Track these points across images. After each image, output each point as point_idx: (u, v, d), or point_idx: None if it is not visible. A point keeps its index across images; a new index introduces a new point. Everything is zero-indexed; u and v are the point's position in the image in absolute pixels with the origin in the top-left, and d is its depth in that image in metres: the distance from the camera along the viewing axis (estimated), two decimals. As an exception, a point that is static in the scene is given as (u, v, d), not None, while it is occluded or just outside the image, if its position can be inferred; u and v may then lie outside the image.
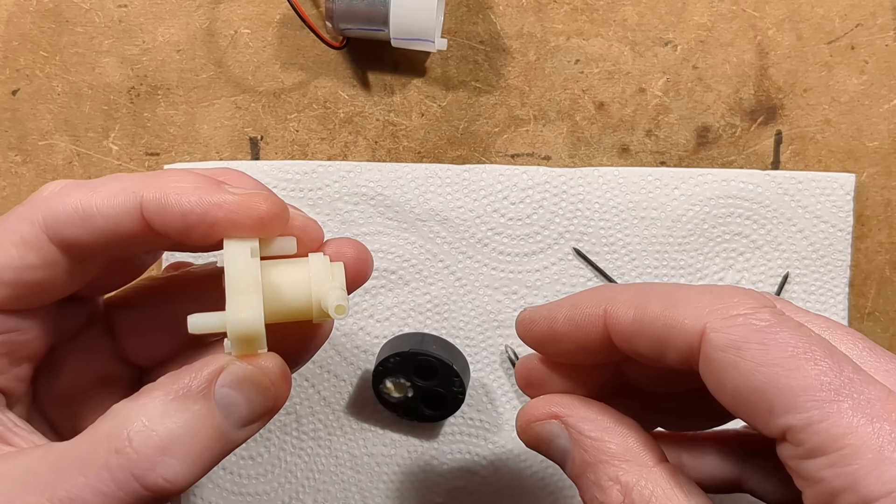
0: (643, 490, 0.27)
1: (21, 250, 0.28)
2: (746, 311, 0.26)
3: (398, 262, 0.42)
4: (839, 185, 0.42)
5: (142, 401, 0.27)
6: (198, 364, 0.28)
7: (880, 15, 0.43)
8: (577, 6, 0.43)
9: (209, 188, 0.28)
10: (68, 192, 0.29)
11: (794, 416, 0.24)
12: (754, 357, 0.25)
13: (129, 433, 0.26)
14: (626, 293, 0.29)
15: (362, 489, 0.42)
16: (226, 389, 0.27)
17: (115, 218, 0.28)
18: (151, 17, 0.43)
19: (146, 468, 0.26)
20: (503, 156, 0.43)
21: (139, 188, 0.28)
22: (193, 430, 0.27)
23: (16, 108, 0.43)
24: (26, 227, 0.28)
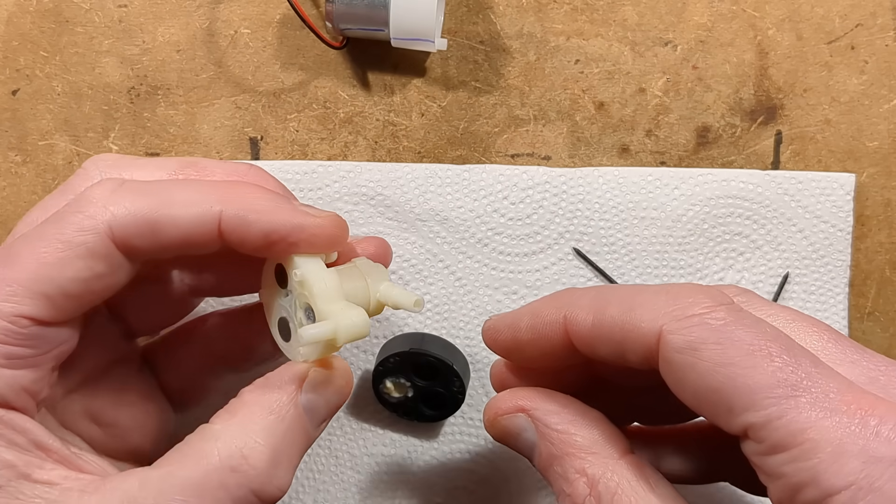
0: (609, 482, 0.27)
1: (88, 262, 0.28)
2: (702, 310, 0.26)
3: (398, 262, 0.42)
4: (839, 185, 0.42)
5: (242, 419, 0.29)
6: (280, 375, 0.30)
7: (880, 15, 0.43)
8: (577, 6, 0.43)
9: (288, 208, 0.30)
10: (133, 198, 0.28)
11: (754, 414, 0.24)
12: (711, 357, 0.25)
13: (243, 452, 0.28)
14: (585, 298, 0.29)
15: (362, 489, 0.42)
16: (310, 395, 0.30)
17: (190, 230, 0.29)
18: (151, 17, 0.43)
19: (264, 482, 0.28)
20: (503, 156, 0.43)
21: (217, 202, 0.29)
22: (292, 439, 0.29)
23: (16, 108, 0.43)
24: (91, 237, 0.28)
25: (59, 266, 0.27)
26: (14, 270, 0.27)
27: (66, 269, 0.28)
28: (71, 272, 0.28)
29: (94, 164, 0.33)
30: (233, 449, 0.28)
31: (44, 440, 0.28)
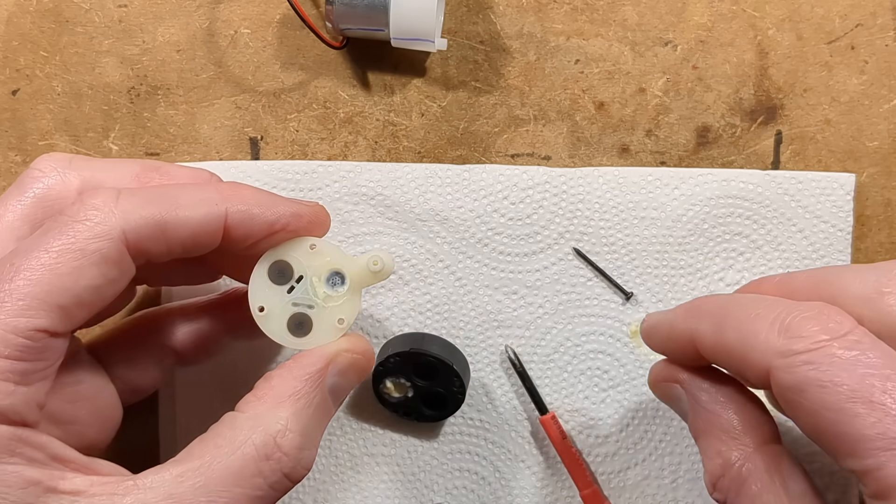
0: (741, 470, 0.28)
1: (102, 269, 0.28)
2: (810, 346, 0.26)
3: (398, 263, 0.42)
4: (839, 185, 0.42)
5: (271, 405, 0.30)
6: (308, 360, 0.32)
7: (880, 15, 0.43)
8: (577, 6, 0.43)
9: (283, 200, 0.32)
10: (141, 202, 0.29)
11: (855, 462, 0.25)
12: (815, 400, 0.25)
13: (276, 440, 0.29)
14: (710, 316, 0.30)
15: (362, 489, 0.42)
16: (335, 378, 0.32)
17: (198, 230, 0.30)
18: (151, 17, 0.43)
19: (294, 465, 0.30)
20: (503, 156, 0.43)
21: (221, 201, 0.30)
22: (318, 420, 0.31)
23: (16, 108, 0.43)
24: (105, 244, 0.28)
25: (74, 275, 0.28)
26: (26, 283, 0.27)
27: (82, 278, 0.28)
28: (86, 280, 0.28)
29: (47, 161, 0.33)
30: (266, 437, 0.29)
31: (61, 452, 0.29)
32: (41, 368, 0.28)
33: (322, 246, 0.33)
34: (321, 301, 0.33)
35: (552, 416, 0.42)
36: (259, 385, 0.31)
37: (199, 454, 0.29)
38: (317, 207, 0.33)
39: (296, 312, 0.33)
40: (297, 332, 0.33)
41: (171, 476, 0.28)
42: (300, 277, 0.33)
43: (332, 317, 0.33)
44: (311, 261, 0.33)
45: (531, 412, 0.42)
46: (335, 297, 0.33)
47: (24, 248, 0.28)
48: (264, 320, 0.33)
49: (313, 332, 0.33)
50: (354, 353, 0.33)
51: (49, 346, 0.28)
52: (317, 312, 0.33)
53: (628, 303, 0.42)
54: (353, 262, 0.33)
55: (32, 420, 0.28)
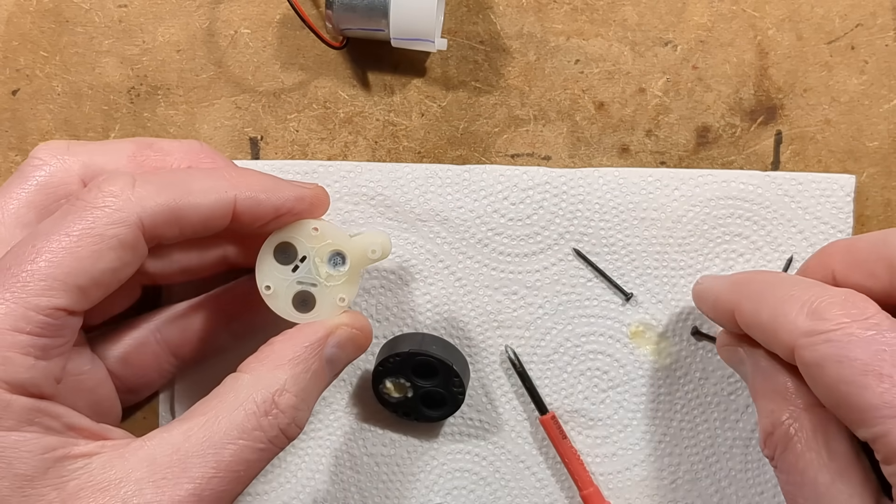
0: (789, 428, 0.31)
1: (119, 252, 0.30)
2: (831, 326, 0.29)
3: (398, 262, 0.42)
4: (839, 186, 0.42)
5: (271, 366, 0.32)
6: (310, 328, 0.34)
7: (880, 15, 0.43)
8: (577, 6, 0.43)
9: (287, 184, 0.34)
10: (156, 189, 0.31)
11: (866, 430, 0.27)
12: (832, 374, 0.28)
13: (275, 398, 0.32)
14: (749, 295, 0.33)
15: (362, 489, 0.42)
16: (333, 349, 0.34)
17: (210, 215, 0.32)
18: (151, 17, 0.43)
19: (290, 423, 0.32)
20: (503, 156, 0.43)
21: (231, 188, 0.33)
22: (314, 385, 0.33)
23: (16, 108, 0.43)
24: (122, 229, 0.30)
25: (93, 259, 0.29)
26: (48, 265, 0.29)
27: (100, 261, 0.30)
28: (104, 263, 0.30)
29: (45, 149, 0.35)
30: (266, 395, 0.31)
31: (75, 421, 0.31)
32: (59, 344, 0.30)
33: (324, 228, 0.35)
34: (323, 280, 0.35)
35: (552, 416, 0.42)
36: (262, 348, 0.33)
37: (203, 411, 0.31)
38: (317, 190, 0.35)
39: (300, 290, 0.35)
40: (302, 308, 0.35)
41: (178, 433, 0.30)
42: (304, 257, 0.35)
43: (333, 295, 0.35)
44: (314, 242, 0.35)
45: (531, 412, 0.42)
46: (336, 277, 0.35)
47: (45, 231, 0.30)
48: (271, 298, 0.35)
49: (316, 308, 0.35)
50: (353, 328, 0.35)
51: (67, 323, 0.30)
52: (319, 290, 0.35)
53: (628, 303, 0.42)
54: (353, 244, 0.35)
55: (50, 392, 0.30)
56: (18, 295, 0.28)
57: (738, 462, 0.42)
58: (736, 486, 0.42)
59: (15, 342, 0.28)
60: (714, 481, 0.42)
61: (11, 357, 0.28)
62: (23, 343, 0.28)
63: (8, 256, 0.30)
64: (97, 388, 0.36)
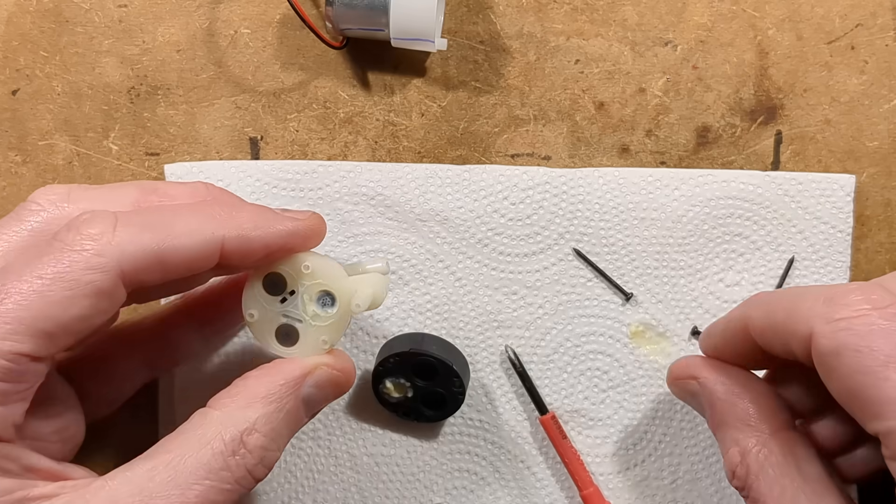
0: (758, 455, 0.30)
1: (94, 300, 0.28)
2: (851, 313, 0.27)
3: (398, 262, 0.42)
4: (839, 186, 0.42)
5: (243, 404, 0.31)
6: (288, 366, 0.32)
7: (880, 15, 0.43)
8: (577, 6, 0.43)
9: (279, 218, 0.32)
10: (138, 232, 0.29)
11: (881, 423, 0.26)
12: (850, 363, 0.27)
13: (243, 438, 0.30)
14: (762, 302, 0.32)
15: (361, 489, 0.42)
16: (311, 389, 0.32)
17: (195, 259, 0.30)
18: (151, 17, 0.43)
19: (257, 464, 0.30)
20: (503, 156, 0.43)
21: (218, 228, 0.30)
22: (286, 425, 0.31)
23: (16, 108, 0.43)
24: (100, 276, 0.28)
25: (63, 305, 0.28)
26: (15, 307, 0.27)
27: (72, 308, 0.28)
28: (76, 310, 0.28)
29: (45, 194, 0.33)
30: (235, 434, 0.30)
31: (34, 462, 0.29)
32: (20, 390, 0.28)
33: (318, 266, 0.33)
34: (308, 318, 0.33)
35: (552, 416, 0.42)
36: (235, 383, 0.32)
37: (169, 449, 0.29)
38: (312, 220, 0.33)
39: (284, 323, 0.34)
40: (284, 341, 0.34)
41: (142, 471, 0.28)
42: (293, 291, 0.33)
43: (317, 335, 0.33)
44: (305, 279, 0.33)
45: (531, 412, 0.42)
46: (323, 318, 0.33)
47: (16, 270, 0.28)
48: (254, 326, 0.34)
49: (298, 345, 0.34)
50: (335, 369, 0.33)
51: (30, 369, 0.28)
52: (304, 328, 0.34)
53: (628, 303, 0.42)
54: (346, 289, 0.33)
55: (8, 437, 0.28)
56: None
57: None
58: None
59: None
60: (714, 481, 0.42)
61: None
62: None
63: None
64: (64, 412, 0.34)
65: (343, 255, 0.42)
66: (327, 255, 0.35)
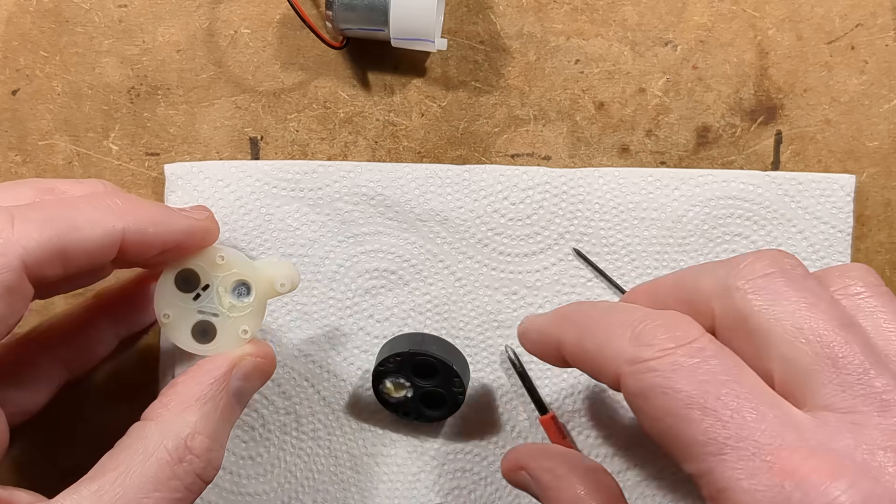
0: None
1: (7, 300, 0.28)
2: (656, 353, 0.26)
3: (398, 262, 0.42)
4: (839, 186, 0.42)
5: (178, 410, 0.31)
6: (211, 364, 0.32)
7: (880, 15, 0.43)
8: (577, 6, 0.43)
9: (177, 216, 0.32)
10: (38, 227, 0.28)
11: (689, 466, 0.26)
12: (656, 406, 0.26)
13: (186, 443, 0.30)
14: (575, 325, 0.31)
15: (361, 489, 0.42)
16: (239, 382, 0.33)
17: (95, 250, 0.30)
18: (151, 17, 0.43)
19: (206, 466, 0.30)
20: (503, 156, 0.43)
21: (118, 220, 0.30)
22: (224, 422, 0.32)
23: (16, 108, 0.43)
24: (7, 275, 0.27)
25: None
26: None
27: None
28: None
29: None
30: (177, 441, 0.30)
31: None
32: None
33: (230, 258, 0.34)
34: (226, 311, 0.34)
35: (552, 416, 0.42)
36: (165, 392, 0.32)
37: (113, 466, 0.29)
38: (208, 222, 0.34)
39: (201, 320, 0.34)
40: (202, 339, 0.34)
41: (88, 493, 0.28)
42: (206, 286, 0.34)
43: (236, 326, 0.34)
44: (219, 271, 0.34)
45: (531, 412, 0.42)
46: (240, 308, 0.34)
47: None
48: (169, 327, 0.34)
49: (217, 339, 0.34)
50: (257, 357, 0.34)
51: None
52: (221, 321, 0.34)
53: (628, 303, 0.42)
54: (260, 275, 0.34)
55: None
56: None
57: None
58: None
59: None
60: None
61: None
62: None
63: None
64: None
65: (343, 255, 0.42)
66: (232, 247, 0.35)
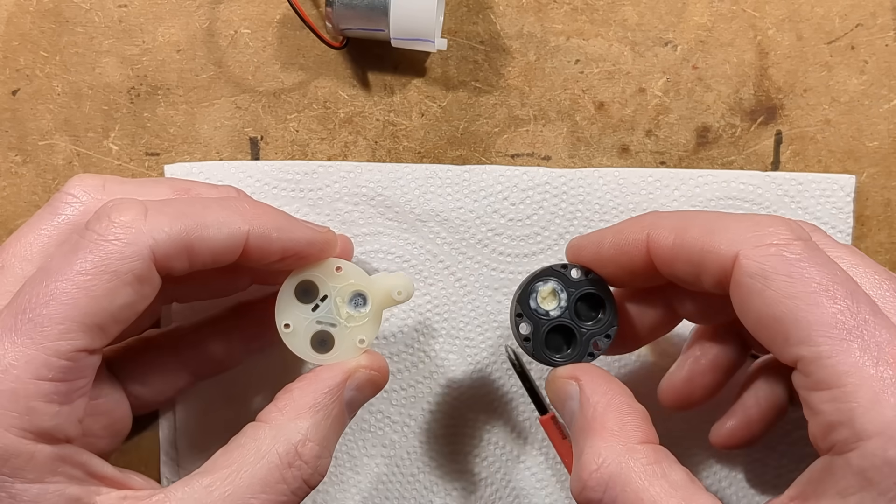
0: (623, 464, 0.29)
1: (136, 287, 0.29)
2: (780, 241, 0.27)
3: (398, 263, 0.42)
4: (839, 186, 0.42)
5: (292, 416, 0.31)
6: (328, 373, 0.33)
7: (880, 15, 0.43)
8: (577, 6, 0.43)
9: (300, 226, 0.33)
10: (169, 221, 0.30)
11: (807, 349, 0.26)
12: (779, 288, 0.27)
13: (297, 449, 0.31)
14: (669, 220, 0.31)
15: (361, 490, 0.42)
16: (353, 392, 0.33)
17: (220, 249, 0.31)
18: (151, 17, 0.43)
19: (312, 472, 0.31)
20: (503, 156, 0.43)
21: (245, 222, 0.31)
22: (334, 431, 0.33)
23: (16, 108, 0.43)
24: (137, 264, 0.29)
25: (109, 297, 0.28)
26: (65, 307, 0.28)
27: (117, 298, 0.29)
28: (120, 299, 0.29)
29: (79, 185, 0.34)
30: (289, 446, 0.31)
31: (98, 469, 0.30)
32: (81, 386, 0.29)
33: (347, 268, 0.34)
34: (343, 321, 0.34)
35: (552, 417, 0.41)
36: (280, 397, 0.32)
37: (226, 464, 0.30)
38: (329, 235, 0.34)
39: (319, 330, 0.34)
40: (320, 348, 0.34)
41: (200, 487, 0.29)
42: (325, 296, 0.34)
43: (353, 336, 0.34)
44: (336, 282, 0.34)
45: (531, 412, 0.42)
46: (357, 318, 0.35)
47: (56, 268, 0.29)
48: (290, 337, 0.34)
49: (335, 349, 0.34)
50: (372, 370, 0.34)
51: (88, 363, 0.29)
52: (339, 331, 0.34)
53: (628, 303, 0.42)
54: (377, 286, 0.35)
55: (74, 435, 0.29)
56: (37, 341, 0.27)
57: (738, 462, 0.42)
58: (736, 487, 0.42)
59: (39, 391, 0.27)
60: (714, 481, 0.42)
61: (36, 406, 0.27)
62: (46, 391, 0.28)
63: (21, 298, 0.28)
64: (114, 409, 0.36)
65: (343, 256, 0.42)
66: None
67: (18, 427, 0.27)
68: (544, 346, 0.35)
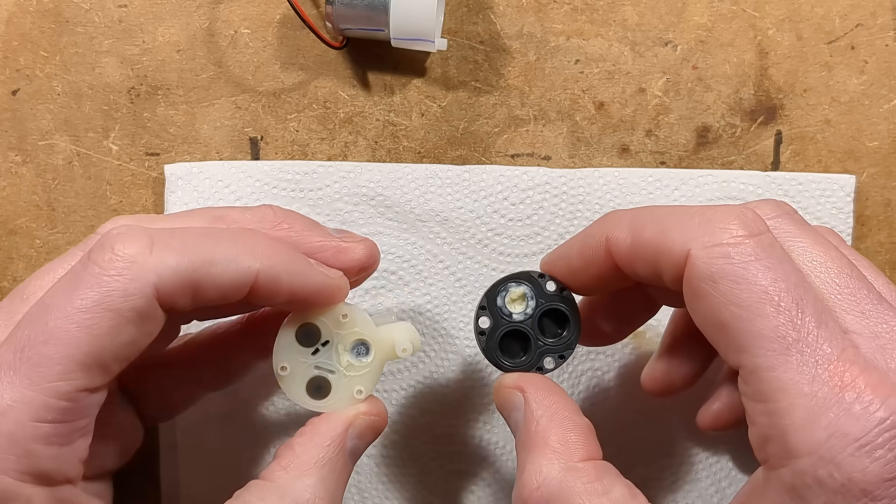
0: (561, 483, 0.28)
1: (139, 325, 0.28)
2: (731, 239, 0.27)
3: (398, 263, 0.42)
4: (839, 186, 0.42)
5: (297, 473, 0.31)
6: (328, 425, 0.32)
7: (880, 15, 0.43)
8: (577, 6, 0.43)
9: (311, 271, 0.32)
10: (175, 256, 0.28)
11: (747, 358, 0.26)
12: (725, 293, 0.26)
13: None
14: (625, 219, 0.31)
15: (361, 489, 0.43)
16: (354, 441, 0.32)
17: (228, 289, 0.29)
18: (151, 17, 0.43)
19: None
20: (503, 156, 0.43)
21: (255, 261, 0.30)
22: (340, 483, 0.32)
23: (16, 108, 0.43)
24: (140, 301, 0.28)
25: (111, 335, 0.27)
26: (65, 346, 0.27)
27: (119, 336, 0.28)
28: (122, 337, 0.28)
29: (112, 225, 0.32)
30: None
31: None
32: (83, 425, 0.28)
33: (354, 315, 0.33)
34: (343, 369, 0.33)
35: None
36: (282, 454, 0.32)
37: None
38: (340, 281, 0.33)
39: (316, 375, 0.33)
40: (316, 394, 0.33)
41: None
42: (326, 341, 0.33)
43: (351, 386, 0.33)
44: (341, 329, 0.33)
45: (531, 412, 0.42)
46: (358, 367, 0.33)
47: (56, 304, 0.28)
48: (285, 381, 0.33)
49: (330, 396, 0.33)
50: (371, 416, 0.33)
51: (89, 402, 0.28)
52: (337, 378, 0.33)
53: (628, 303, 0.42)
54: (381, 337, 0.33)
55: (74, 475, 0.28)
56: (36, 381, 0.26)
57: (738, 462, 0.42)
58: (736, 487, 0.42)
59: (38, 434, 0.27)
60: (714, 481, 0.42)
61: (35, 449, 0.27)
62: (46, 433, 0.27)
63: (21, 333, 0.27)
64: (126, 431, 0.35)
65: (343, 256, 0.42)
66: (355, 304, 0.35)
67: (16, 470, 0.26)
68: (497, 347, 0.34)
